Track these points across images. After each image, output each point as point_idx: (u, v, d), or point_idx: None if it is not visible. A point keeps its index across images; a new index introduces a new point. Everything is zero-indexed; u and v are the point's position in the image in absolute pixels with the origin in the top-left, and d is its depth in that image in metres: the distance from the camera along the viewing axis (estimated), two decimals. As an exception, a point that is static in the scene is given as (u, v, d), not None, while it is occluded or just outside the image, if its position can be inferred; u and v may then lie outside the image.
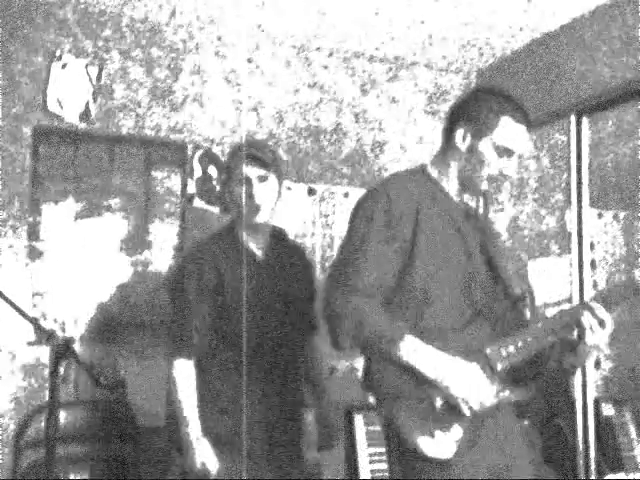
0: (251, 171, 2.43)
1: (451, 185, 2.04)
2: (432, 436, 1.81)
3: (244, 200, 2.41)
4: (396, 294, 1.92)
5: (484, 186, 2.00)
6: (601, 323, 1.91)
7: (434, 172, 2.06)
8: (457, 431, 1.82)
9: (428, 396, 1.83)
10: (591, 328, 1.90)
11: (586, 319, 1.91)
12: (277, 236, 2.57)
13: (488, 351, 1.89)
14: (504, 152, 1.96)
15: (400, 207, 1.90)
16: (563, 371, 2.04)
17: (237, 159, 2.47)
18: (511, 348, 1.90)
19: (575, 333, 1.95)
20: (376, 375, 1.90)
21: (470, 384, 1.82)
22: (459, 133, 2.02)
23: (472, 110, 2.01)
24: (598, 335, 1.91)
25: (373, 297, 1.86)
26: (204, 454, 2.25)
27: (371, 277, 1.86)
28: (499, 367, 1.88)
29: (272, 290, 2.44)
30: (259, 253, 2.49)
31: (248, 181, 2.42)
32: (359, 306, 1.83)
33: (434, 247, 1.92)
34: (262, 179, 2.44)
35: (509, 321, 2.01)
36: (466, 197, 2.10)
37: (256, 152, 2.46)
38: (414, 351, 1.81)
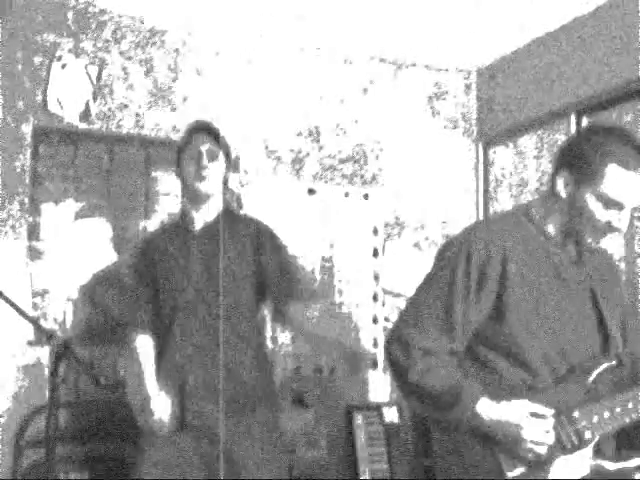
0: (200, 142, 2.49)
1: (555, 231, 1.81)
2: None
3: (191, 170, 2.46)
4: (480, 348, 1.75)
5: (591, 241, 1.75)
6: None
7: (537, 215, 1.83)
8: None
9: (501, 466, 1.64)
10: None
11: None
12: (227, 213, 2.57)
13: (576, 414, 1.66)
14: (612, 205, 1.69)
15: (482, 263, 1.71)
16: None
17: (189, 136, 2.53)
18: (605, 414, 1.67)
19: None
20: (439, 446, 1.77)
21: (536, 428, 1.63)
22: (560, 181, 1.76)
23: (575, 154, 1.74)
24: None
25: (440, 354, 1.72)
26: (161, 408, 2.34)
27: (440, 339, 1.71)
28: (587, 435, 1.66)
29: (206, 262, 2.45)
30: (197, 226, 2.50)
31: (199, 153, 2.47)
32: (425, 362, 1.69)
33: (525, 304, 1.71)
34: (211, 153, 2.47)
35: (610, 386, 1.75)
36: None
37: (209, 127, 2.53)
38: (487, 409, 1.64)
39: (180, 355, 2.40)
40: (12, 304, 1.78)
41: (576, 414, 1.66)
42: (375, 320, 3.83)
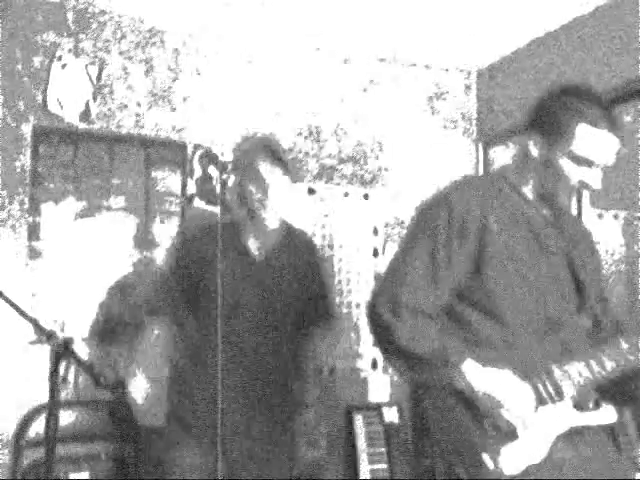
0: (272, 171, 2.38)
1: (530, 192, 1.84)
2: (498, 454, 1.66)
3: (257, 198, 2.38)
4: (457, 306, 1.78)
5: (564, 200, 1.80)
6: None
7: (513, 177, 1.86)
8: (521, 448, 1.67)
9: (482, 419, 1.70)
10: None
11: None
12: (285, 236, 2.52)
13: (555, 370, 1.72)
14: (583, 162, 1.73)
15: (462, 217, 1.73)
16: (631, 399, 1.87)
17: (256, 155, 2.41)
18: (582, 369, 1.72)
19: None
20: (428, 408, 1.77)
21: (519, 403, 1.67)
22: (532, 142, 1.79)
23: (545, 115, 1.79)
24: None
25: (427, 313, 1.73)
26: (137, 389, 2.41)
27: (427, 296, 1.73)
28: (566, 389, 1.71)
29: (270, 290, 2.42)
30: (258, 253, 2.45)
31: (265, 182, 2.37)
32: (414, 320, 1.71)
33: (503, 260, 1.73)
34: (279, 181, 2.40)
35: (587, 342, 1.81)
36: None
37: (279, 152, 2.43)
38: (471, 373, 1.68)
39: (221, 387, 2.34)
40: (12, 304, 1.78)
41: (554, 368, 1.71)
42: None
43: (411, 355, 1.70)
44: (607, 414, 1.78)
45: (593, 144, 1.71)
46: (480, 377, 1.67)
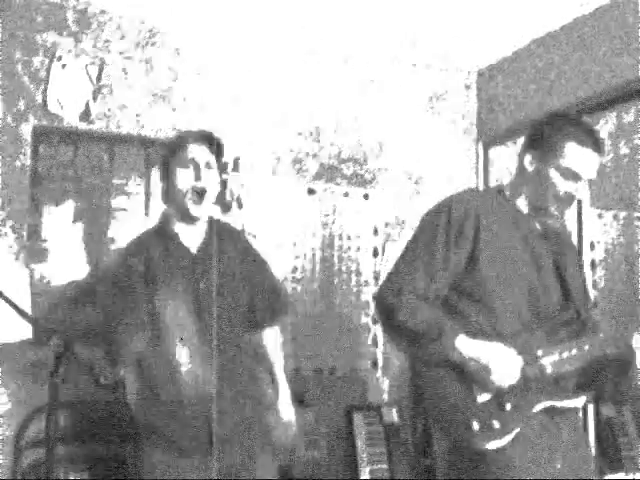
0: (200, 153, 2.31)
1: (524, 205, 2.10)
2: (487, 419, 1.88)
3: (189, 184, 2.27)
4: (453, 297, 2.01)
5: (553, 209, 2.04)
6: None
7: (507, 191, 2.14)
8: (506, 423, 1.88)
9: (473, 392, 1.91)
10: None
11: (636, 341, 1.95)
12: (216, 227, 2.42)
13: (539, 353, 1.94)
14: (570, 176, 1.99)
15: (460, 219, 1.99)
16: (618, 393, 2.09)
17: (187, 139, 2.33)
18: (564, 354, 1.95)
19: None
20: (423, 382, 1.98)
21: (505, 365, 1.89)
22: (527, 158, 2.07)
23: (540, 136, 2.06)
24: None
25: (425, 298, 1.97)
26: None
27: (426, 286, 1.97)
28: (549, 369, 1.93)
29: (206, 283, 2.30)
30: (193, 245, 2.35)
31: (194, 162, 2.30)
32: (414, 302, 1.95)
33: (496, 259, 1.98)
34: (208, 166, 2.31)
35: (569, 333, 2.02)
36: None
37: (207, 135, 2.35)
38: (464, 344, 1.90)
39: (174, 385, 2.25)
40: (12, 304, 1.78)
41: (539, 352, 1.94)
42: (375, 320, 3.83)
43: (410, 331, 1.94)
44: (579, 399, 2.00)
45: (579, 160, 1.98)
46: (471, 348, 1.90)
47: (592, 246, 3.54)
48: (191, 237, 2.36)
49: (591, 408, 3.33)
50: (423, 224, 2.08)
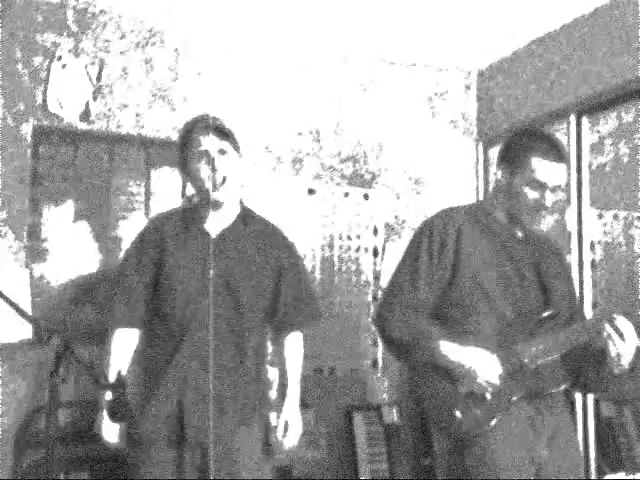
0: (210, 143, 2.30)
1: (502, 217, 2.28)
2: (469, 411, 2.08)
3: (206, 175, 2.28)
4: (443, 306, 2.21)
5: (528, 219, 2.21)
6: (621, 335, 2.01)
7: (487, 204, 2.35)
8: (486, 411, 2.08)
9: (456, 387, 2.11)
10: (612, 340, 2.01)
11: (606, 330, 2.03)
12: (245, 216, 2.41)
13: (518, 347, 2.12)
14: (538, 186, 2.16)
15: (442, 235, 2.21)
16: (600, 381, 2.17)
17: (194, 131, 2.33)
18: (541, 347, 2.11)
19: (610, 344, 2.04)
20: (418, 381, 2.20)
21: (487, 369, 2.08)
22: (499, 173, 2.27)
23: (509, 152, 2.26)
24: (620, 347, 2.01)
25: (420, 310, 2.20)
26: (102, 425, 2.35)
27: (414, 298, 2.19)
28: (527, 361, 2.10)
29: (225, 274, 2.29)
30: (215, 230, 2.34)
31: (207, 154, 2.29)
32: (403, 315, 2.19)
33: (477, 263, 2.19)
34: (222, 152, 2.31)
35: (548, 330, 2.16)
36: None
37: (215, 122, 2.34)
38: (448, 349, 2.12)
39: (183, 369, 2.24)
40: (12, 304, 1.78)
41: (517, 347, 2.12)
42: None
43: (401, 343, 2.18)
44: (558, 387, 2.17)
45: (544, 171, 2.16)
46: (456, 352, 2.11)
47: (592, 246, 3.54)
48: (215, 222, 2.36)
49: (591, 408, 3.34)
50: (410, 243, 2.30)
